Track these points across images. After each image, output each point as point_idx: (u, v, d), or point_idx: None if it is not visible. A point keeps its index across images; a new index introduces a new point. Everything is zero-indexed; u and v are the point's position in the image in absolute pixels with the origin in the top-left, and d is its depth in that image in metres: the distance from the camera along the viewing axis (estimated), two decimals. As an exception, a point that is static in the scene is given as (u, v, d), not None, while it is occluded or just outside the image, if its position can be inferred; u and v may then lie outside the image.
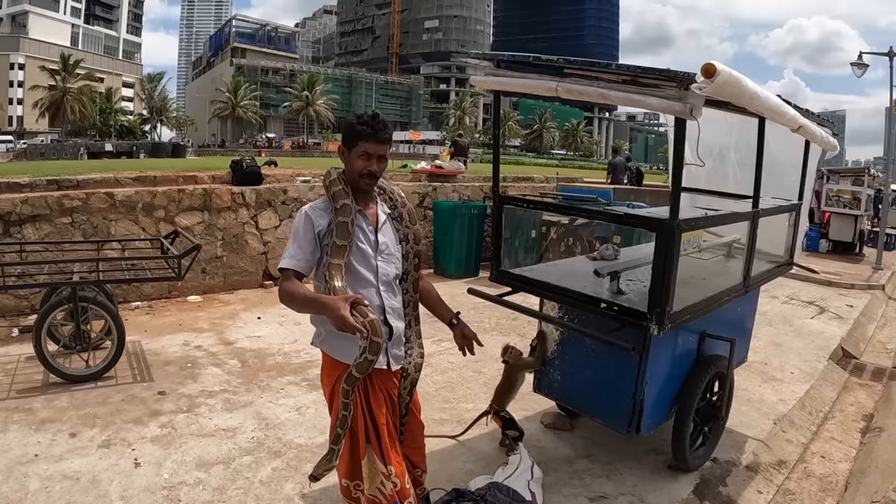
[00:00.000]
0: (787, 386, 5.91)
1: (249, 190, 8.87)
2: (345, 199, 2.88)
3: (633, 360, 3.78)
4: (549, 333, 4.45)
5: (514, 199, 5.19)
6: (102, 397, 5.04)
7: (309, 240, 2.86)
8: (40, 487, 3.72)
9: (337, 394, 2.97)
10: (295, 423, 4.80)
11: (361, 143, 2.86)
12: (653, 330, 3.40)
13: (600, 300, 3.77)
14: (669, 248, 3.32)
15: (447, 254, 10.35)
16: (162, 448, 4.29)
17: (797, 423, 5.28)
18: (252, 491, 3.83)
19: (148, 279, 5.98)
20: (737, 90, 3.01)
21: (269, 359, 6.19)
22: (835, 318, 8.53)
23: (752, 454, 4.62)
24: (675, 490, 4.04)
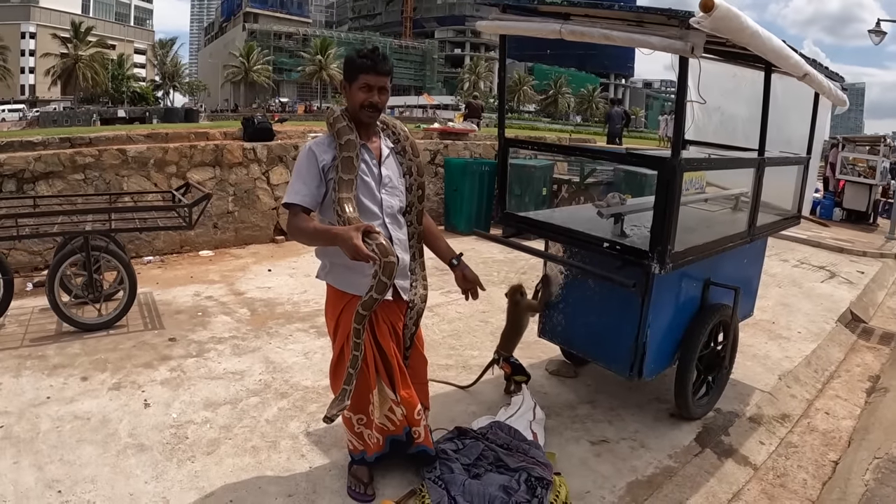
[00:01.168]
0: (793, 344, 5.91)
1: (261, 146, 8.92)
2: (349, 134, 2.92)
3: (636, 303, 3.79)
4: (552, 277, 4.46)
5: (519, 142, 5.18)
6: (114, 344, 5.17)
7: (313, 175, 2.91)
8: (52, 427, 3.84)
9: (341, 325, 3.08)
10: (302, 366, 4.90)
11: (362, 76, 2.89)
12: (654, 268, 3.41)
13: (603, 239, 3.78)
14: (671, 187, 3.33)
15: (457, 211, 10.35)
16: (171, 390, 4.40)
17: (802, 379, 5.28)
18: (258, 429, 3.93)
19: (159, 228, 6.04)
20: (736, 25, 2.99)
21: (279, 308, 6.29)
22: (845, 283, 8.47)
23: (756, 406, 4.64)
24: (677, 437, 4.09)
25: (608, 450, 3.92)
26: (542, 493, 3.20)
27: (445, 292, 6.81)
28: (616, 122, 18.47)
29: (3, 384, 4.38)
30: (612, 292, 3.95)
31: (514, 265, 8.40)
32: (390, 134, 3.20)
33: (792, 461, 4.06)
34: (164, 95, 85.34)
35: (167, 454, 3.60)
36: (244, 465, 3.54)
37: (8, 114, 51.33)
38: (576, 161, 11.20)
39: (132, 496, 3.21)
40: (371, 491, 3.31)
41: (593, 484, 3.53)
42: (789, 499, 3.65)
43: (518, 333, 4.54)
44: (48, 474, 3.36)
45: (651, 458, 3.85)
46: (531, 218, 4.44)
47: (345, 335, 3.08)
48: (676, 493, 3.53)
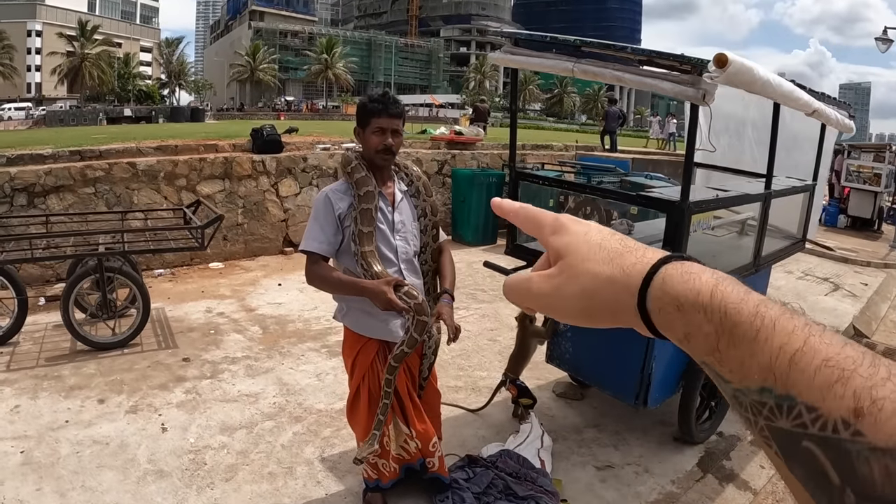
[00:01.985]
0: None
1: (270, 158, 9.03)
2: (368, 185, 2.95)
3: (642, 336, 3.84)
4: None
5: (530, 175, 5.25)
6: (129, 364, 5.27)
7: (330, 222, 2.98)
8: (71, 452, 3.93)
9: (357, 366, 3.19)
10: (315, 388, 5.00)
11: (374, 120, 2.94)
12: None
13: None
14: (679, 230, 3.39)
15: (465, 222, 10.45)
16: (187, 413, 4.50)
17: None
18: (274, 454, 4.03)
19: (172, 249, 6.17)
20: (748, 79, 3.07)
21: (290, 325, 6.40)
22: (848, 296, 8.52)
23: None
24: (680, 462, 4.16)
25: (613, 475, 3.99)
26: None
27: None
28: (612, 121, 18.80)
29: (22, 406, 4.48)
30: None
31: None
32: (403, 176, 3.27)
33: None
34: (170, 94, 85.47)
35: (186, 481, 3.70)
36: (262, 491, 3.64)
37: (14, 112, 51.40)
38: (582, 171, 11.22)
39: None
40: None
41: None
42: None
43: (525, 357, 4.61)
44: (71, 501, 3.45)
45: (655, 483, 3.91)
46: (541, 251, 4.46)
47: (360, 376, 3.19)
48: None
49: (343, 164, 3.10)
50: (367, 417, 3.18)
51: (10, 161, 7.60)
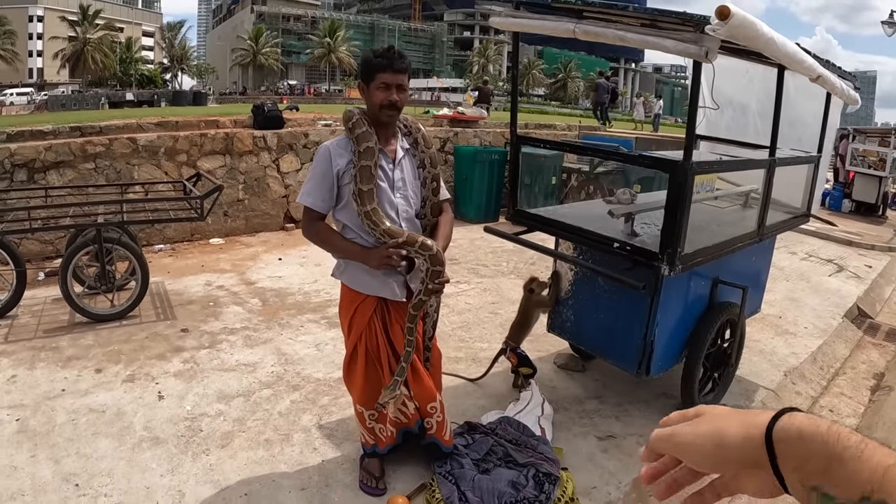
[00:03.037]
0: (799, 340, 5.93)
1: (271, 134, 8.97)
2: (368, 141, 2.88)
3: (645, 302, 3.82)
4: (563, 274, 4.50)
5: (531, 140, 5.20)
6: (127, 335, 5.24)
7: (327, 179, 2.94)
8: (67, 420, 3.91)
9: (354, 324, 3.15)
10: (313, 358, 4.97)
11: (379, 75, 2.87)
12: (664, 270, 3.43)
13: (613, 240, 3.79)
14: (682, 190, 3.34)
15: (467, 199, 10.41)
16: (184, 382, 4.47)
17: (808, 376, 5.31)
18: (271, 422, 4.00)
19: (171, 220, 6.11)
20: (751, 33, 3.01)
21: (290, 298, 6.36)
22: (853, 278, 8.47)
23: (761, 403, 4.67)
24: None
25: (615, 445, 3.96)
26: (549, 488, 3.25)
27: (454, 282, 6.87)
28: (602, 93, 19.45)
29: (19, 377, 4.45)
30: (621, 291, 3.98)
31: (524, 255, 8.32)
32: (403, 129, 3.20)
33: None
34: (173, 78, 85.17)
35: (182, 447, 3.67)
36: (258, 458, 3.61)
37: (16, 97, 51.22)
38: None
39: (148, 490, 3.27)
40: (382, 485, 3.38)
41: (600, 479, 3.58)
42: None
43: (527, 326, 4.60)
44: (65, 468, 3.42)
45: None
46: (542, 216, 4.46)
47: (358, 334, 3.15)
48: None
49: (345, 119, 3.01)
50: (363, 377, 3.17)
51: (10, 137, 7.56)
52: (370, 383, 3.18)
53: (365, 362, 3.16)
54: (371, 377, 3.17)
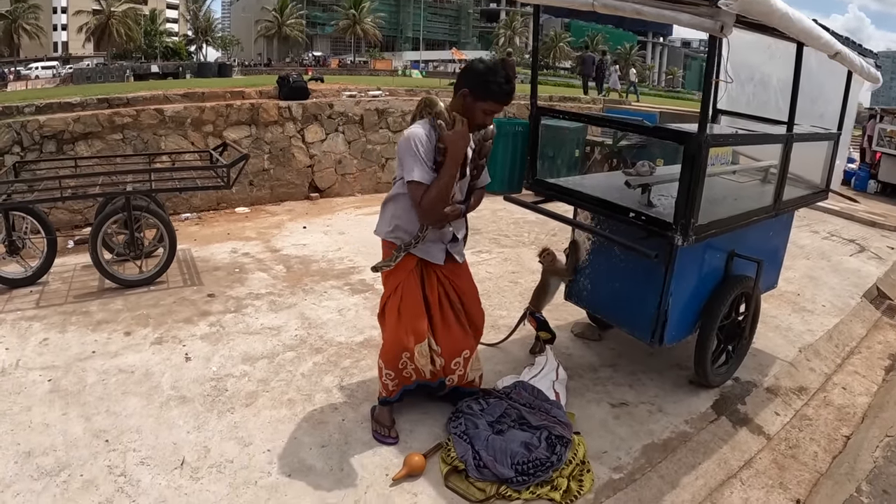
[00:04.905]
0: (816, 318, 5.89)
1: (296, 104, 9.07)
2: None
3: (660, 272, 3.83)
4: (580, 243, 4.54)
5: (551, 111, 5.21)
6: (155, 300, 5.41)
7: (430, 158, 3.10)
8: (97, 380, 4.08)
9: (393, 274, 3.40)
10: (336, 323, 5.10)
11: (491, 101, 3.05)
12: (677, 240, 3.45)
13: (629, 209, 3.82)
14: (696, 161, 3.36)
15: (491, 171, 10.26)
16: (210, 344, 4.63)
17: (822, 353, 5.29)
18: (294, 382, 4.15)
19: (198, 188, 6.25)
20: (765, 9, 3.00)
21: (314, 265, 6.50)
22: (874, 258, 8.28)
23: (774, 378, 4.69)
24: (694, 404, 4.18)
25: (627, 413, 4.02)
26: (561, 450, 3.34)
27: (476, 252, 7.02)
28: (588, 67, 20.09)
29: (50, 339, 4.63)
30: (636, 260, 4.01)
31: (546, 226, 8.37)
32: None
33: (805, 433, 4.11)
34: (197, 50, 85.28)
35: (208, 406, 3.83)
36: (280, 416, 3.75)
37: (41, 71, 51.54)
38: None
39: (175, 445, 3.44)
40: (395, 433, 3.55)
41: (611, 445, 3.65)
42: (799, 470, 3.71)
43: (546, 293, 4.65)
44: (95, 425, 3.59)
45: (668, 422, 3.94)
46: (560, 185, 4.50)
47: (395, 284, 3.40)
48: (690, 457, 3.63)
49: (427, 105, 3.18)
50: (395, 324, 3.37)
51: (38, 109, 7.74)
52: (396, 339, 3.38)
53: (398, 311, 3.37)
54: (405, 318, 3.35)
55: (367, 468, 3.35)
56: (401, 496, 3.17)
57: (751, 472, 3.63)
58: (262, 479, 3.22)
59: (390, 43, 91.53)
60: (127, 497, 3.03)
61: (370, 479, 3.26)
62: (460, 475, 3.24)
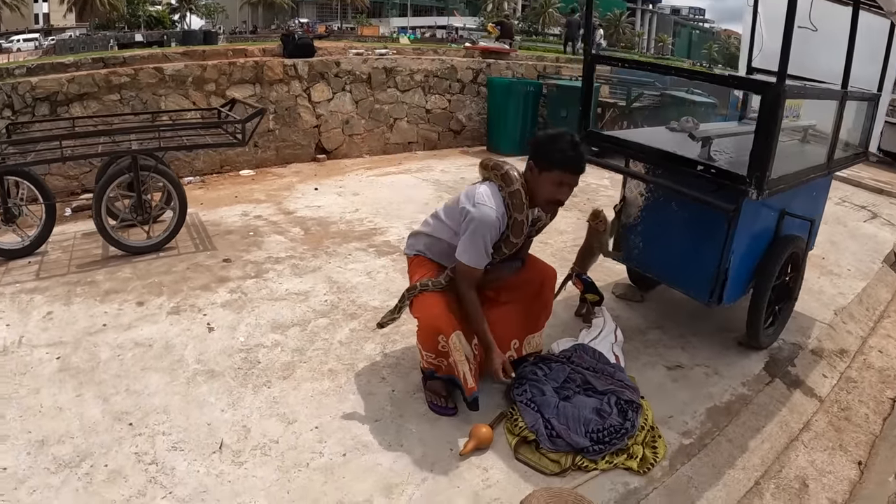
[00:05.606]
0: (844, 281, 5.78)
1: (302, 62, 8.51)
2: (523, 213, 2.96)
3: (721, 229, 3.66)
4: (632, 199, 4.29)
5: (607, 59, 4.93)
6: (166, 267, 4.94)
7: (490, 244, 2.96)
8: (112, 356, 3.62)
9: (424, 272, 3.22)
10: (367, 286, 4.71)
11: (559, 172, 2.86)
12: (751, 194, 3.27)
13: (698, 162, 3.60)
14: (774, 112, 3.18)
15: (502, 131, 10.04)
16: (234, 312, 4.19)
17: (856, 316, 5.18)
18: (332, 351, 3.74)
19: (212, 145, 5.71)
20: None
21: (332, 226, 6.07)
22: (887, 225, 8.22)
23: (817, 340, 4.55)
24: (747, 366, 4.00)
25: (684, 376, 3.80)
26: (633, 416, 3.10)
27: None
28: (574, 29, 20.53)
29: (55, 313, 4.14)
30: (696, 217, 3.82)
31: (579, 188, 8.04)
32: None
33: (853, 396, 4.05)
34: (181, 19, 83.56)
35: (240, 380, 3.40)
36: (323, 389, 3.36)
37: (23, 44, 50.14)
38: (620, 84, 10.80)
39: (210, 426, 3.01)
40: (452, 403, 3.21)
41: (675, 409, 3.43)
42: (855, 432, 3.63)
43: (592, 255, 4.44)
44: (115, 406, 3.14)
45: (726, 385, 3.75)
46: (617, 137, 4.24)
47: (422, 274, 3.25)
48: (753, 420, 3.47)
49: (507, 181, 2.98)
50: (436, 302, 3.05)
51: (30, 71, 7.21)
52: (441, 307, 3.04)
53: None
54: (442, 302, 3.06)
55: (429, 443, 3.00)
56: (470, 472, 2.83)
57: (811, 435, 3.54)
58: (314, 460, 2.83)
59: (377, 9, 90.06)
60: (161, 488, 2.62)
61: (434, 455, 2.92)
62: (530, 446, 2.95)
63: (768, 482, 3.09)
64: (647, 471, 2.87)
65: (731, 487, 2.97)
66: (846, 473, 3.28)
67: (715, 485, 2.94)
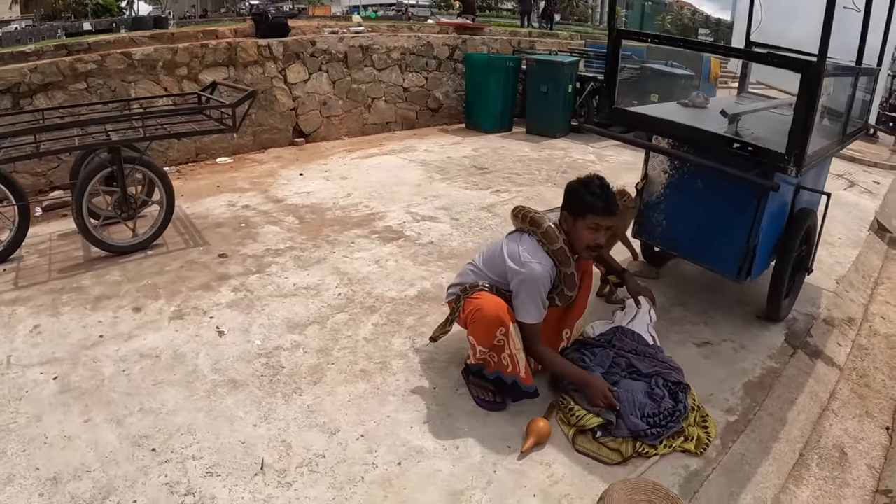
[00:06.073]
0: (839, 250, 5.80)
1: (276, 42, 8.03)
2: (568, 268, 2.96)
3: (751, 205, 3.63)
4: (655, 177, 4.16)
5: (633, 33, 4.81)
6: (158, 266, 4.53)
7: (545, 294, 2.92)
8: (116, 371, 3.21)
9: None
10: (379, 276, 4.42)
11: (591, 217, 2.84)
12: (790, 171, 3.24)
13: (733, 139, 3.52)
14: (814, 90, 3.13)
15: (482, 109, 9.77)
16: (243, 313, 3.85)
17: (855, 284, 5.24)
18: (360, 350, 3.45)
19: (202, 132, 5.26)
20: None
21: (328, 213, 5.72)
22: (865, 193, 8.29)
23: (826, 310, 4.55)
24: (770, 339, 3.95)
25: (713, 352, 3.71)
26: (683, 398, 3.01)
27: (494, 192, 6.54)
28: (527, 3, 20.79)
29: (43, 326, 3.66)
30: (724, 194, 3.75)
31: (553, 164, 8.00)
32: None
33: (868, 363, 4.09)
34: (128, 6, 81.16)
35: (267, 389, 3.09)
36: (360, 392, 3.07)
37: (-35, 39, 48.34)
38: (596, 58, 10.62)
39: (244, 444, 2.70)
40: (499, 398, 3.00)
41: (713, 386, 3.35)
42: (877, 398, 3.68)
43: (613, 236, 4.34)
44: (132, 429, 2.78)
45: (755, 359, 3.69)
46: (644, 114, 4.12)
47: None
48: (787, 393, 3.45)
49: (550, 240, 2.92)
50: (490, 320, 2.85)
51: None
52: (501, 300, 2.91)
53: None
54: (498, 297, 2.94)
55: (485, 442, 2.78)
56: (534, 469, 2.64)
57: (838, 404, 3.58)
58: (368, 472, 2.57)
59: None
60: (205, 519, 2.31)
61: (494, 455, 2.71)
62: (587, 436, 2.81)
63: (811, 453, 3.10)
64: (703, 451, 2.80)
65: (780, 461, 2.93)
66: (877, 439, 3.32)
67: (765, 460, 2.88)
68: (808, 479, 2.94)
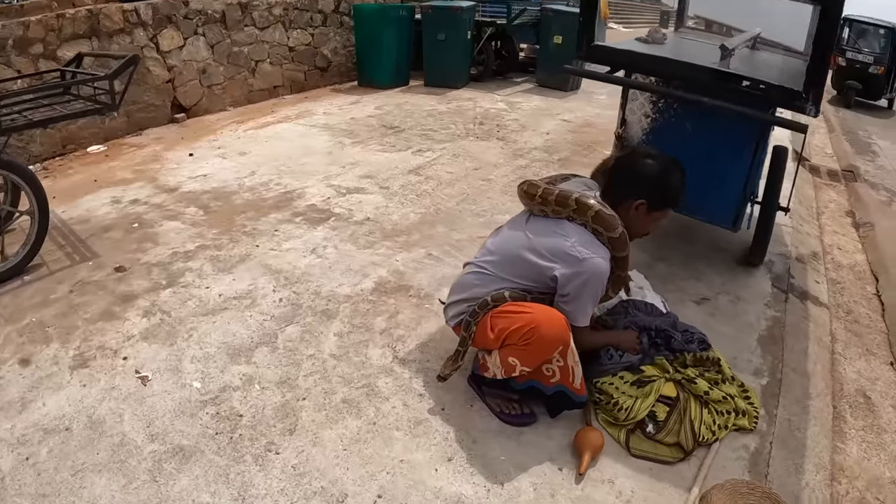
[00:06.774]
0: None
1: (144, 5, 6.74)
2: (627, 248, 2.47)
3: (747, 149, 3.50)
4: (635, 122, 3.82)
5: None
6: (41, 296, 3.44)
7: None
8: (17, 462, 2.24)
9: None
10: (321, 268, 3.67)
11: (668, 211, 2.57)
12: (809, 110, 3.07)
13: (743, 77, 3.29)
14: (834, 27, 3.04)
15: (375, 63, 8.96)
16: (165, 345, 2.94)
17: (803, 216, 5.21)
18: (330, 373, 2.72)
19: (75, 115, 4.03)
20: None
21: (235, 198, 4.80)
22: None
23: (794, 247, 4.49)
24: (759, 285, 3.82)
25: (714, 308, 3.48)
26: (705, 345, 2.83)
27: (417, 152, 5.99)
28: None
29: None
30: (717, 140, 3.52)
31: (465, 115, 7.43)
32: None
33: (846, 297, 4.18)
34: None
35: (230, 453, 2.29)
36: (353, 434, 2.37)
37: None
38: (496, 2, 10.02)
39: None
40: (528, 408, 2.52)
41: (731, 348, 3.09)
42: (869, 334, 3.72)
43: None
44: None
45: (756, 311, 3.50)
46: (630, 50, 3.87)
47: None
48: (798, 343, 3.31)
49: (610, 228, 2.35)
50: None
51: None
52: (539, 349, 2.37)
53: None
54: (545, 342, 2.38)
55: (530, 468, 2.28)
56: (597, 491, 2.22)
57: (841, 345, 3.56)
58: (407, 547, 1.90)
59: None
60: None
61: (548, 485, 2.22)
62: (638, 435, 2.46)
63: (841, 403, 3.06)
64: (755, 425, 2.59)
65: (820, 419, 2.81)
66: (888, 377, 3.34)
67: (809, 421, 2.74)
68: (849, 432, 2.87)
